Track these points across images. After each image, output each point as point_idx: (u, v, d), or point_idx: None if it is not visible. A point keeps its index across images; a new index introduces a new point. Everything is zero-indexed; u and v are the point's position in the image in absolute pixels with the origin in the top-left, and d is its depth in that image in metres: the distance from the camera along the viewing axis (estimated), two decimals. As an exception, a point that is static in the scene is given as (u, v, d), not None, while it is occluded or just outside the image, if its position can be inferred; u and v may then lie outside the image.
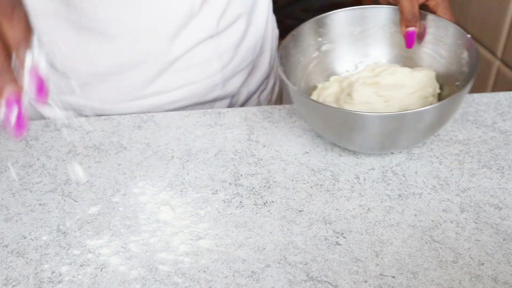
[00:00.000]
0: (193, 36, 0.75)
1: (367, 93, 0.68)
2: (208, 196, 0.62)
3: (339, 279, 0.52)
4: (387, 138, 0.61)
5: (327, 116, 0.61)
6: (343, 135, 0.63)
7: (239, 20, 0.79)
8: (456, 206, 0.61)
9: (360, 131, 0.60)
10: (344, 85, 0.71)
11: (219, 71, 0.80)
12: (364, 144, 0.63)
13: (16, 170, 0.67)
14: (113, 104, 0.77)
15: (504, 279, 0.52)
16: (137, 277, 0.53)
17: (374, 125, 0.59)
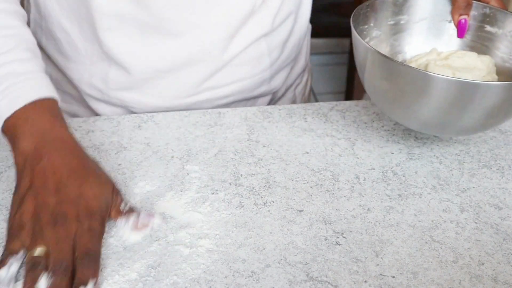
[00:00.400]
0: (250, 34, 0.76)
1: (444, 74, 0.65)
2: (208, 196, 0.62)
3: (339, 279, 0.52)
4: (454, 109, 0.59)
5: (407, 79, 0.60)
6: (414, 103, 0.61)
7: (289, 18, 0.80)
8: (456, 206, 0.61)
9: (432, 97, 0.59)
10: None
11: (268, 68, 0.81)
12: (432, 114, 0.61)
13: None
14: (169, 101, 0.78)
15: (504, 279, 0.52)
16: (137, 277, 0.53)
17: (450, 91, 0.58)
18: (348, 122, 0.75)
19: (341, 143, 0.71)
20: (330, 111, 0.77)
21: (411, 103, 0.61)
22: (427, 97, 0.59)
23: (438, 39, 0.76)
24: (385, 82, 0.62)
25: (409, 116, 0.63)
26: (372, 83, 0.65)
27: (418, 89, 0.59)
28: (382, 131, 0.73)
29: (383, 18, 0.74)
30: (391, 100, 0.64)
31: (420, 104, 0.60)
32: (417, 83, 0.59)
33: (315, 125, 0.74)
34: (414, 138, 0.72)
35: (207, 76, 0.78)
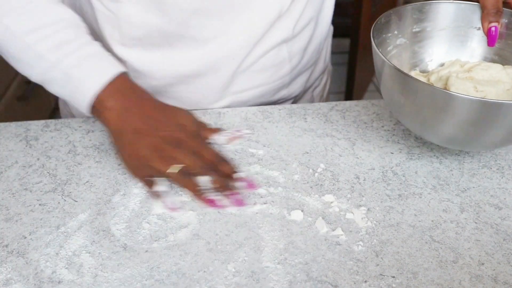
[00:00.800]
0: (271, 41, 0.76)
1: (465, 88, 0.65)
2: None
3: (339, 279, 0.52)
4: (474, 128, 0.58)
5: (425, 96, 0.58)
6: (433, 120, 0.59)
7: (310, 24, 0.80)
8: (456, 206, 0.61)
9: (453, 115, 0.57)
10: (434, 79, 0.69)
11: (288, 73, 0.81)
12: (453, 132, 0.60)
13: (16, 170, 0.67)
14: (191, 106, 0.79)
15: (504, 279, 0.52)
16: (137, 277, 0.53)
17: (471, 110, 0.56)
18: (348, 122, 0.75)
19: (341, 143, 0.71)
20: (330, 111, 0.77)
21: (428, 119, 0.60)
22: (443, 115, 0.58)
23: (466, 47, 0.73)
24: (402, 96, 0.61)
25: (427, 131, 0.62)
26: (389, 96, 0.64)
27: (435, 106, 0.57)
28: (382, 131, 0.73)
29: (407, 25, 0.72)
30: (408, 114, 0.63)
31: (437, 121, 0.59)
32: (434, 101, 0.57)
33: (315, 125, 0.74)
34: (414, 138, 0.72)
35: (228, 82, 0.78)
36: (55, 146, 0.71)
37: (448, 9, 0.72)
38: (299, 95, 0.88)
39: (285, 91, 0.83)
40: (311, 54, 0.84)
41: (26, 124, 0.75)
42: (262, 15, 0.74)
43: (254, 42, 0.75)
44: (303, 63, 0.83)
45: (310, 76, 0.88)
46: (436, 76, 0.70)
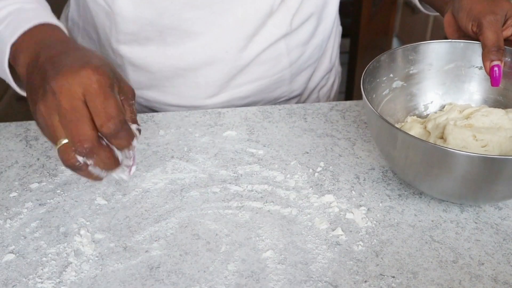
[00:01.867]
0: (268, 35, 0.77)
1: (464, 137, 0.61)
2: (208, 196, 0.62)
3: (339, 279, 0.52)
4: (479, 183, 0.54)
5: (417, 152, 0.54)
6: (427, 175, 0.56)
7: (310, 19, 0.80)
8: (456, 206, 0.61)
9: (453, 173, 0.53)
10: (431, 127, 0.65)
11: (287, 68, 0.81)
12: (450, 187, 0.56)
13: (16, 170, 0.67)
14: (190, 101, 0.79)
15: (504, 279, 0.52)
16: (137, 277, 0.53)
17: (469, 166, 0.52)
18: (348, 122, 0.75)
19: (341, 143, 0.71)
20: (330, 111, 0.77)
21: (422, 174, 0.56)
22: (438, 171, 0.54)
23: (467, 87, 0.69)
24: (393, 149, 0.57)
25: (422, 186, 0.59)
26: (381, 146, 0.61)
27: (429, 162, 0.54)
28: (382, 131, 0.73)
29: (402, 67, 0.68)
30: (401, 168, 0.59)
31: (431, 177, 0.55)
32: (427, 156, 0.53)
33: (315, 125, 0.74)
34: (414, 138, 0.72)
35: (226, 76, 0.78)
36: (55, 146, 0.71)
37: (445, 49, 0.68)
38: (303, 94, 0.89)
39: (286, 87, 0.83)
40: (312, 50, 0.83)
41: (26, 124, 0.75)
42: (254, 9, 0.74)
43: (249, 35, 0.75)
44: (304, 58, 0.83)
45: (313, 74, 0.88)
46: (433, 123, 0.65)
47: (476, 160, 0.51)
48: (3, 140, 0.73)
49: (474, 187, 0.54)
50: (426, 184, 0.58)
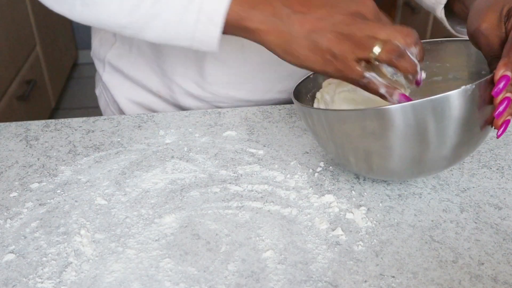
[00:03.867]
0: None
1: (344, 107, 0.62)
2: (208, 196, 0.62)
3: (339, 279, 0.52)
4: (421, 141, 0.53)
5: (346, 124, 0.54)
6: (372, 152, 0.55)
7: None
8: (456, 206, 0.61)
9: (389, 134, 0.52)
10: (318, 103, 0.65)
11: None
12: (393, 162, 0.55)
13: (16, 170, 0.67)
14: (259, 94, 0.80)
15: (504, 279, 0.52)
16: (137, 277, 0.53)
17: (405, 118, 0.51)
18: (348, 122, 0.75)
19: (341, 143, 0.71)
20: (330, 111, 0.77)
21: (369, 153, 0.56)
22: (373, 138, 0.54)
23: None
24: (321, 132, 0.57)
25: (370, 168, 0.58)
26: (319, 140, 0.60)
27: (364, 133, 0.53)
28: (382, 131, 0.73)
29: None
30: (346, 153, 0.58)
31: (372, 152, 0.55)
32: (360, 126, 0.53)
33: (315, 125, 0.74)
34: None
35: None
36: (55, 146, 0.71)
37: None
38: None
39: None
40: None
41: (26, 124, 0.76)
42: None
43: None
44: None
45: None
46: (319, 96, 0.64)
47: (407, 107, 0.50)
48: (3, 140, 0.73)
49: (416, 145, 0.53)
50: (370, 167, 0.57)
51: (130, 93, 0.85)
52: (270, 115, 0.77)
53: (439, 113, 0.51)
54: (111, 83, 0.86)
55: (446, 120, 0.52)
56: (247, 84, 0.79)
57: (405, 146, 0.54)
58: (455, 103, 0.51)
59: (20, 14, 1.96)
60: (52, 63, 2.26)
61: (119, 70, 0.84)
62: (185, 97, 0.81)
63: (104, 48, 0.85)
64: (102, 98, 0.90)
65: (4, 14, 1.80)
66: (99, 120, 0.76)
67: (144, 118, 0.77)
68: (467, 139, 0.55)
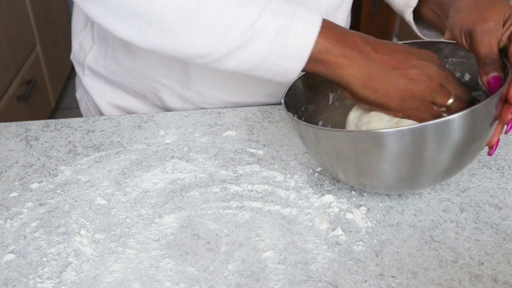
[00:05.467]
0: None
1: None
2: (208, 196, 0.62)
3: (339, 279, 0.52)
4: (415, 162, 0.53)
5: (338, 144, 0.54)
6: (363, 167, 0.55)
7: (348, 18, 0.83)
8: (456, 206, 0.61)
9: (378, 157, 0.53)
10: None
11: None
12: (386, 176, 0.55)
13: (16, 170, 0.67)
14: (245, 97, 0.80)
15: (504, 279, 0.52)
16: (137, 277, 0.53)
17: (396, 144, 0.52)
18: (348, 122, 0.75)
19: (341, 143, 0.71)
20: (330, 111, 0.77)
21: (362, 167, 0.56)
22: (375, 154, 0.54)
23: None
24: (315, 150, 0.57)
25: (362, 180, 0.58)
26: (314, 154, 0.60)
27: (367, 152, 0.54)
28: (382, 131, 0.73)
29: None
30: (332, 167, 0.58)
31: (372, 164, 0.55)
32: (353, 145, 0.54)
33: (315, 125, 0.74)
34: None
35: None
36: (55, 146, 0.71)
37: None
38: None
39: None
40: None
41: (26, 124, 0.76)
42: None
43: None
44: None
45: None
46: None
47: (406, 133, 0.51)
48: (3, 140, 0.73)
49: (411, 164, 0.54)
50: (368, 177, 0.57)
51: (111, 96, 0.83)
52: (270, 115, 0.77)
53: (438, 136, 0.52)
54: (91, 86, 0.85)
55: (444, 142, 0.52)
56: (232, 86, 0.78)
57: (399, 167, 0.54)
58: (455, 127, 0.52)
59: (20, 14, 1.96)
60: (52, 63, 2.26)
61: (98, 74, 0.83)
62: (171, 97, 0.80)
63: (83, 51, 0.84)
64: (83, 102, 0.89)
65: (4, 14, 1.80)
66: (99, 120, 0.76)
67: (144, 118, 0.77)
68: (462, 158, 0.56)
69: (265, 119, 0.76)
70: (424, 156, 0.53)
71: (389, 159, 0.53)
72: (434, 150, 0.52)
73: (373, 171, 0.55)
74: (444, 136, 0.52)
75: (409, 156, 0.53)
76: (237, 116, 0.76)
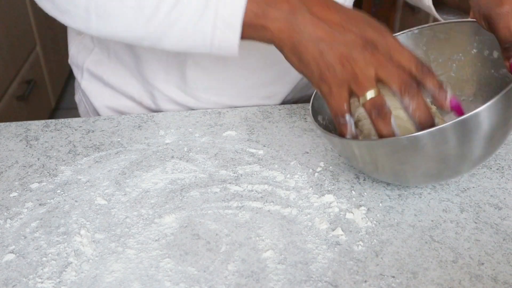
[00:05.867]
0: None
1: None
2: (208, 196, 0.62)
3: (339, 279, 0.52)
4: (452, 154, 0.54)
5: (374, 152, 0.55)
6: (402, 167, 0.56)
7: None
8: (456, 206, 0.61)
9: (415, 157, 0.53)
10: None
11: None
12: (424, 171, 0.56)
13: (16, 170, 0.67)
14: (243, 100, 0.79)
15: (504, 279, 0.52)
16: (137, 277, 0.53)
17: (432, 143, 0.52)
18: (348, 122, 0.75)
19: (341, 143, 0.71)
20: (330, 111, 0.77)
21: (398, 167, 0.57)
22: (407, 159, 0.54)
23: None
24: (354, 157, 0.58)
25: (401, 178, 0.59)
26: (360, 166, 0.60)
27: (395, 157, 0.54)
28: (382, 131, 0.73)
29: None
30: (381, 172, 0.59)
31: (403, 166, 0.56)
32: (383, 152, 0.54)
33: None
34: (414, 138, 0.72)
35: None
36: (55, 146, 0.71)
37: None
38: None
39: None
40: None
41: (26, 124, 0.76)
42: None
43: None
44: None
45: None
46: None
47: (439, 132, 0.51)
48: (3, 140, 0.73)
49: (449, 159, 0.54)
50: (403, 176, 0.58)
51: (110, 100, 0.84)
52: (270, 115, 0.77)
53: (467, 131, 0.52)
54: (90, 90, 0.85)
55: (473, 136, 0.52)
56: (229, 89, 0.78)
57: (428, 166, 0.55)
58: (484, 119, 0.51)
59: (20, 14, 1.96)
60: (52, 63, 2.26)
61: (98, 77, 0.83)
62: (167, 103, 0.81)
63: (82, 54, 0.84)
64: (82, 105, 0.89)
65: (4, 14, 1.80)
66: (99, 120, 0.76)
67: (144, 118, 0.77)
68: (490, 149, 0.56)
69: (265, 119, 0.76)
70: (451, 152, 0.53)
71: (429, 159, 0.54)
72: (462, 144, 0.53)
73: (403, 172, 0.56)
74: (473, 130, 0.52)
75: (438, 154, 0.53)
76: (237, 116, 0.76)
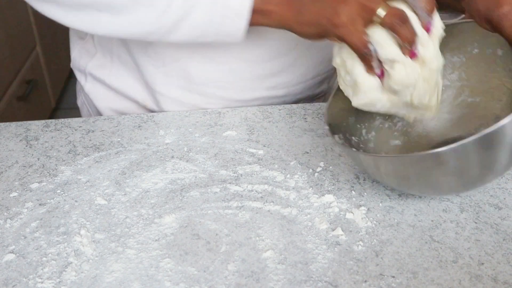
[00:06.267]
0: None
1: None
2: (208, 196, 0.62)
3: (339, 279, 0.52)
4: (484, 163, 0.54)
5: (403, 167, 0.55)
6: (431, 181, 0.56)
7: None
8: (456, 206, 0.61)
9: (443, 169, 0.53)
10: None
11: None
12: (454, 183, 0.56)
13: (16, 170, 0.67)
14: (248, 93, 0.80)
15: (504, 279, 0.52)
16: (137, 277, 0.53)
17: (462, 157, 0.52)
18: (348, 122, 0.75)
19: (341, 143, 0.71)
20: (330, 111, 0.77)
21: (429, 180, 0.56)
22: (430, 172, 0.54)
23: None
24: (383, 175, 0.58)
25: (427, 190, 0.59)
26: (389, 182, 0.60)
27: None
28: (382, 131, 0.73)
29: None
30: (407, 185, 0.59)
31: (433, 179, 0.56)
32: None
33: (315, 125, 0.74)
34: (414, 138, 0.72)
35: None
36: (55, 146, 0.71)
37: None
38: (326, 95, 0.89)
39: (326, 85, 0.85)
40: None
41: (26, 124, 0.76)
42: None
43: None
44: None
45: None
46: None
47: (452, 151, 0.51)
48: (3, 140, 0.73)
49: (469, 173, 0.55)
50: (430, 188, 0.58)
51: (114, 103, 0.83)
52: (270, 115, 0.77)
53: (489, 145, 0.51)
54: (94, 94, 0.84)
55: (495, 148, 0.52)
56: (235, 82, 0.78)
57: (449, 180, 0.56)
58: (508, 131, 0.51)
59: (20, 14, 1.96)
60: (52, 63, 2.25)
61: (101, 81, 0.83)
62: (171, 105, 0.80)
63: (84, 59, 0.84)
64: (85, 109, 0.89)
65: (4, 14, 1.80)
66: (99, 120, 0.76)
67: (144, 118, 0.77)
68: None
69: (265, 119, 0.76)
70: (474, 165, 0.54)
71: (439, 175, 0.54)
72: (485, 158, 0.53)
73: (423, 184, 0.57)
74: (495, 142, 0.52)
75: (460, 168, 0.54)
76: (237, 116, 0.76)
